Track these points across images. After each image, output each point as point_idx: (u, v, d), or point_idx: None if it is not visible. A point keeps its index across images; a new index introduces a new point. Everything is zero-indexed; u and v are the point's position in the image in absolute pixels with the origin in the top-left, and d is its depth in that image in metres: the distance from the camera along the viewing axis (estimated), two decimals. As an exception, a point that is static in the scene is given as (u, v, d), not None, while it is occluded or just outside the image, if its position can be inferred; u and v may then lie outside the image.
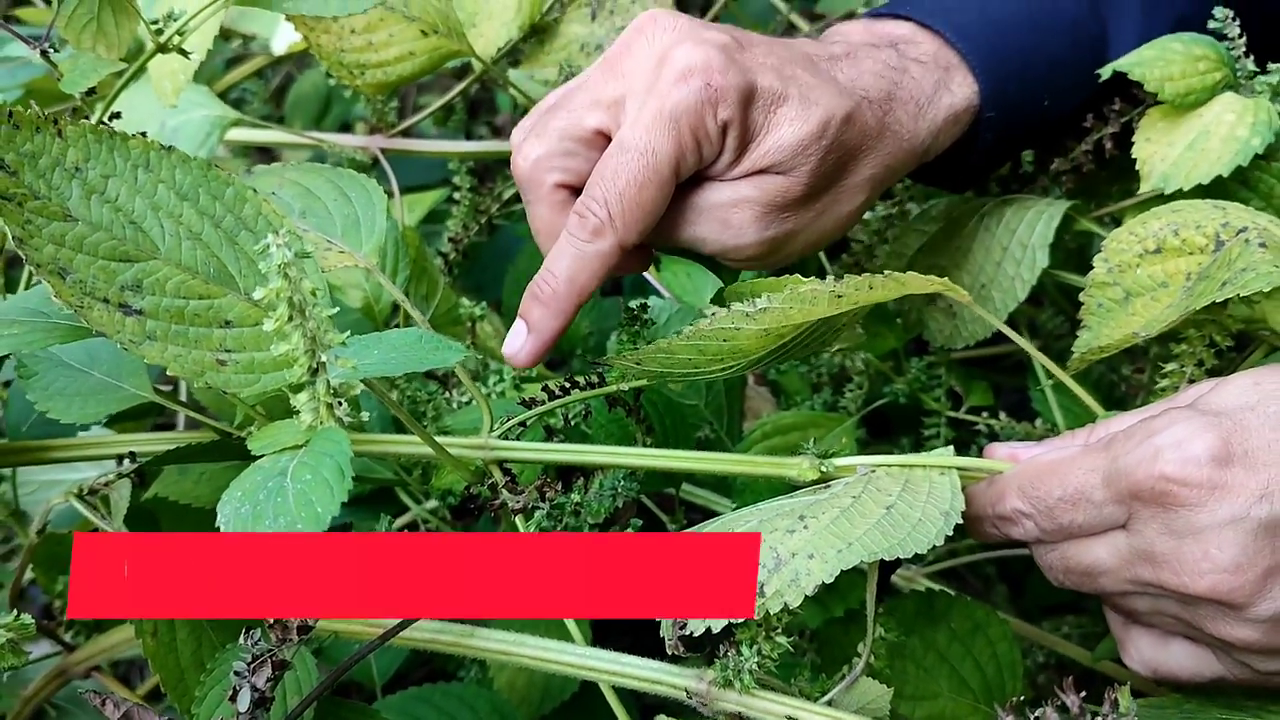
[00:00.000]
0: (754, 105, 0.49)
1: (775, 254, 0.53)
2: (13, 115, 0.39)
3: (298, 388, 0.38)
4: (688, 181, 0.51)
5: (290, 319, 0.36)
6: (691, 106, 0.48)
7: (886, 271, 0.45)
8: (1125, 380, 0.73)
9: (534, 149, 0.51)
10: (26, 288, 0.48)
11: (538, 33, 0.81)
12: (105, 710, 0.36)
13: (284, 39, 0.91)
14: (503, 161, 0.96)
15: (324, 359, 0.37)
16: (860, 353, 0.71)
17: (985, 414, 0.69)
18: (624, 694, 0.49)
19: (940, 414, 0.71)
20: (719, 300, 0.56)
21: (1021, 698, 0.40)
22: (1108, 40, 0.59)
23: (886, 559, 0.41)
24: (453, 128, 1.02)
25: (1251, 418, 0.41)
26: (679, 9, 0.82)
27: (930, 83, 0.55)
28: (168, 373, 0.39)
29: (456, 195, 0.89)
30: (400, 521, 0.74)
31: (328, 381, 0.37)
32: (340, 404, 0.38)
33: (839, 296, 0.44)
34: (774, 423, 0.68)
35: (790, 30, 0.90)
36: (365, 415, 0.41)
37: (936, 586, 0.59)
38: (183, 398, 0.67)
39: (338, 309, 0.37)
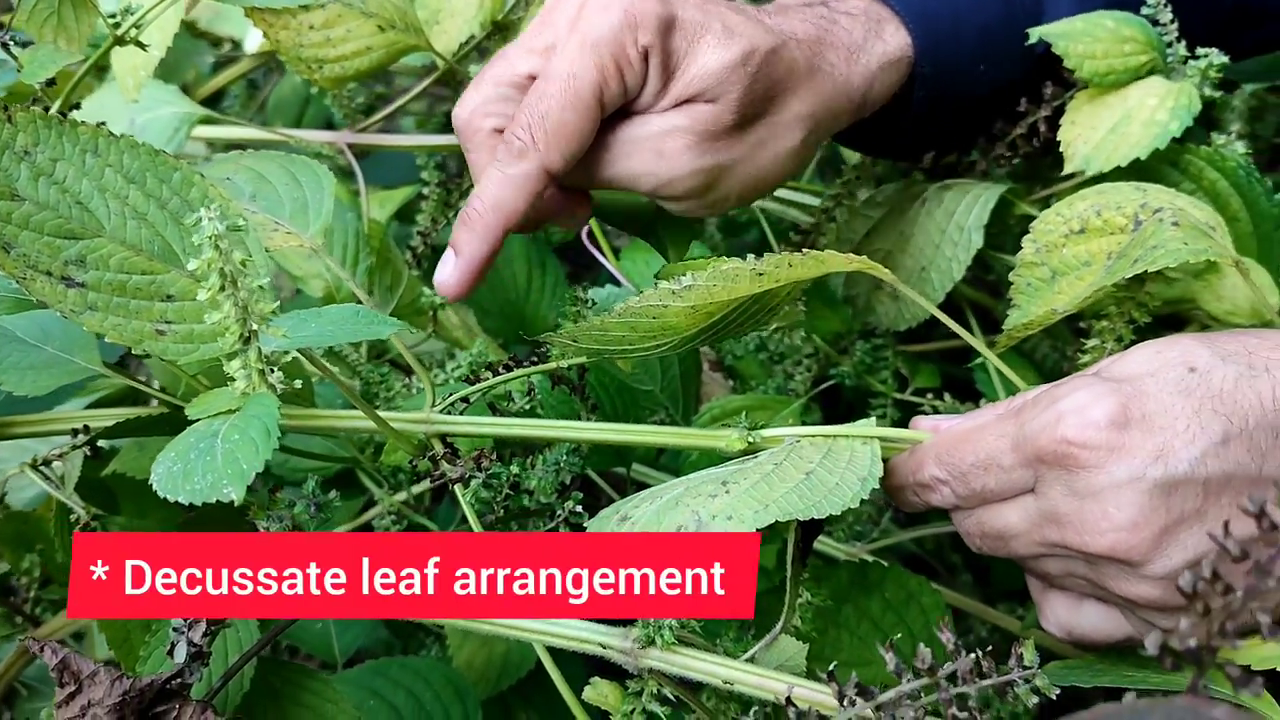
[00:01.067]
0: (674, 33, 0.51)
1: (713, 189, 0.54)
2: (-38, 101, 0.41)
3: (231, 356, 0.40)
4: (620, 117, 0.52)
5: (222, 289, 0.38)
6: (611, 33, 0.49)
7: (805, 250, 0.46)
8: (1070, 360, 0.75)
9: (471, 98, 0.53)
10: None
11: (500, 30, 0.83)
12: (44, 656, 0.37)
13: (255, 39, 0.93)
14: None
15: (255, 327, 0.39)
16: (806, 334, 0.73)
17: (930, 395, 0.71)
18: (577, 660, 0.50)
19: (887, 395, 0.73)
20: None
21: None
22: (1043, 13, 0.61)
23: (801, 519, 0.43)
24: (433, 129, 1.04)
25: (1150, 384, 0.43)
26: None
27: (860, 31, 0.56)
28: (108, 339, 0.41)
29: (425, 190, 0.91)
30: (371, 514, 0.76)
31: (259, 349, 0.39)
32: (273, 371, 0.40)
33: (760, 274, 0.46)
34: (722, 405, 0.70)
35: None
36: (318, 385, 0.43)
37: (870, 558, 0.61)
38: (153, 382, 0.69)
39: (278, 289, 0.39)
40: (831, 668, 0.41)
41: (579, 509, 0.56)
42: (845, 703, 0.40)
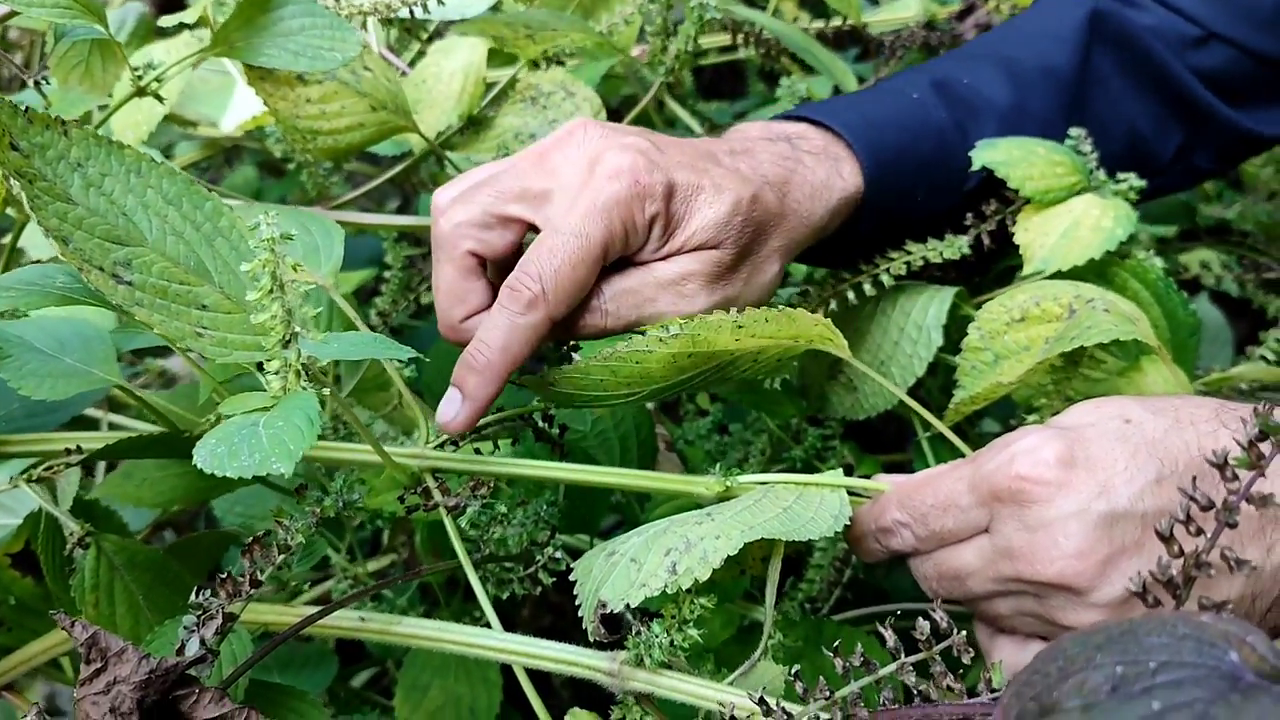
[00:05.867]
0: (675, 198, 0.56)
1: None
2: (27, 110, 0.44)
3: (270, 358, 0.42)
4: (616, 269, 0.57)
5: (270, 291, 0.41)
6: (623, 200, 0.55)
7: (780, 307, 0.52)
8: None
9: (458, 214, 0.57)
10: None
11: (475, 124, 0.88)
12: (73, 632, 0.38)
13: (234, 118, 0.97)
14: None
15: (297, 329, 0.42)
16: (761, 418, 0.77)
17: (872, 481, 0.76)
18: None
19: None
20: None
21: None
22: (969, 145, 0.69)
23: (786, 539, 0.47)
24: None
25: (1091, 432, 0.48)
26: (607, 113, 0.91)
27: (823, 172, 0.63)
28: (155, 332, 0.43)
29: (387, 274, 0.95)
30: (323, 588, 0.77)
31: (299, 350, 0.42)
32: (306, 373, 0.42)
33: (739, 326, 0.51)
34: (680, 482, 0.73)
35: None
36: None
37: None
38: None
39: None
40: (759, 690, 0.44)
41: (558, 555, 0.58)
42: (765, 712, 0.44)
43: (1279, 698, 0.25)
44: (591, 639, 0.48)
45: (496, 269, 0.59)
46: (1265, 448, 0.32)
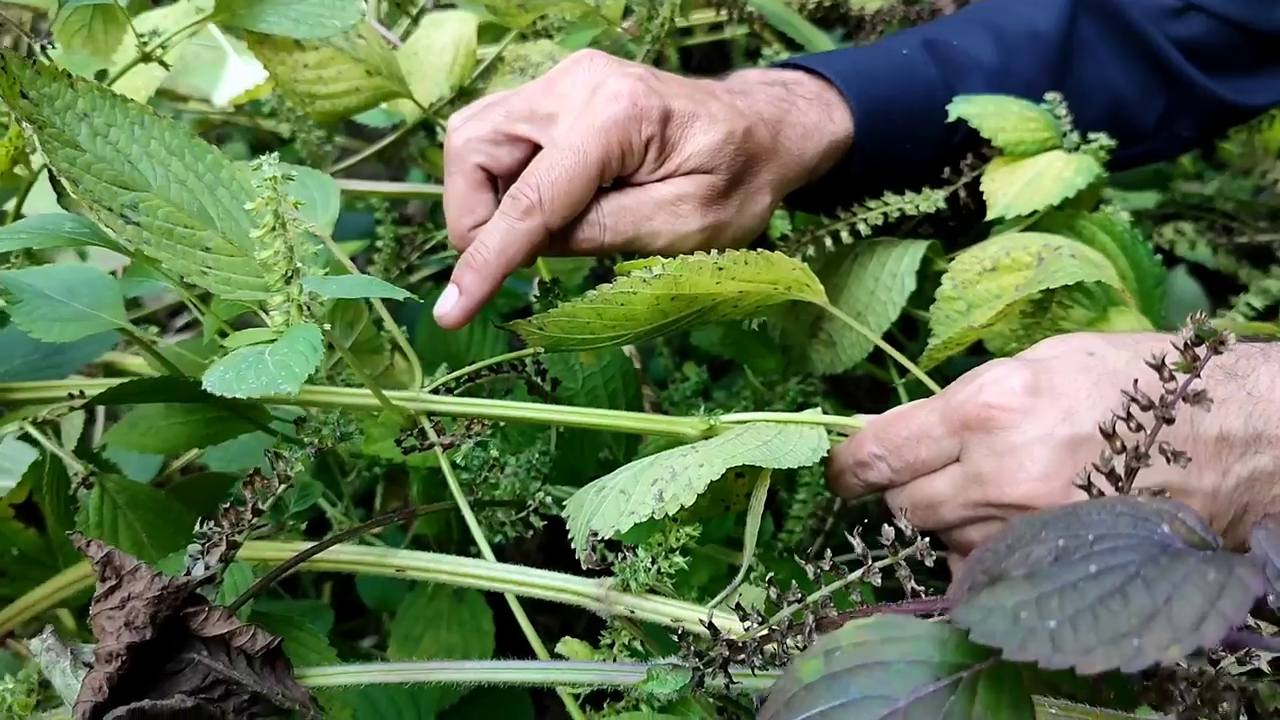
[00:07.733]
0: (671, 123, 0.60)
1: (711, 243, 0.62)
2: (36, 63, 0.46)
3: (273, 293, 0.44)
4: (615, 189, 0.61)
5: (273, 229, 0.43)
6: (620, 120, 0.58)
7: (760, 250, 0.54)
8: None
9: (469, 130, 0.61)
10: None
11: (466, 95, 0.90)
12: (89, 551, 0.40)
13: (226, 92, 0.98)
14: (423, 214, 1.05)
15: (299, 265, 0.44)
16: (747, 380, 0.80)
17: (853, 434, 0.78)
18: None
19: (815, 432, 0.79)
20: None
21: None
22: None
23: (765, 466, 0.49)
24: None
25: (1056, 364, 0.50)
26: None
27: (815, 115, 0.66)
28: (162, 268, 0.45)
29: (380, 244, 0.97)
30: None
31: (301, 286, 0.44)
32: (308, 308, 0.44)
33: (720, 268, 0.53)
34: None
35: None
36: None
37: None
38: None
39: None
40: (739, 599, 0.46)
41: (549, 499, 0.60)
42: (744, 624, 0.45)
43: (1204, 559, 0.27)
44: (584, 566, 0.50)
45: (507, 186, 0.61)
46: (1200, 351, 0.35)
